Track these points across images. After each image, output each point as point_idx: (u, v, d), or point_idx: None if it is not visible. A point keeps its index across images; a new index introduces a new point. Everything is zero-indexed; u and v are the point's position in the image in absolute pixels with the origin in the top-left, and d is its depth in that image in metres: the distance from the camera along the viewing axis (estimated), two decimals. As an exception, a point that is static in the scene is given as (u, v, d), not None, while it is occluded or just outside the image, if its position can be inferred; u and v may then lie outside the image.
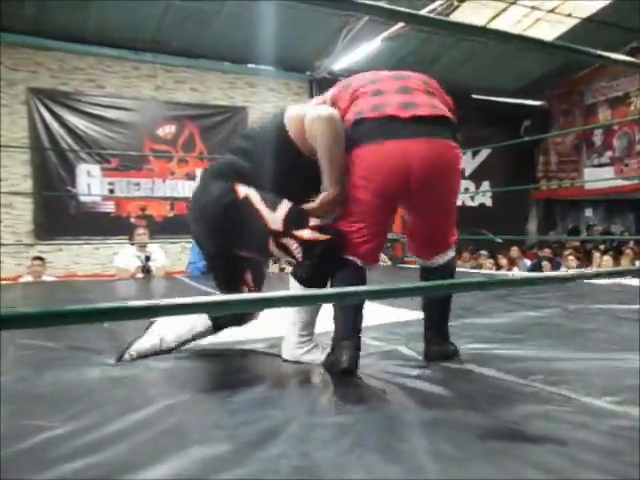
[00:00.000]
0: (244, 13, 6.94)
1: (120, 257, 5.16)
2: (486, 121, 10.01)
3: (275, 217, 1.61)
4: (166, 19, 6.98)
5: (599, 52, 1.25)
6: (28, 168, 6.99)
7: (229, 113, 8.28)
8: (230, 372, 1.72)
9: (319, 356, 1.74)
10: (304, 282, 1.65)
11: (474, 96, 10.37)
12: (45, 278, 5.64)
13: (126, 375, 1.65)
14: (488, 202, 10.66)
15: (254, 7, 6.79)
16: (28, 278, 5.67)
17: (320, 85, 8.84)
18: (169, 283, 4.59)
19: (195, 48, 7.77)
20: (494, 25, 8.15)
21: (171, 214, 7.60)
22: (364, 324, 2.19)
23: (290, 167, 1.70)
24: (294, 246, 1.61)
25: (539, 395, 1.41)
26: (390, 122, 1.63)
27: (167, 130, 7.77)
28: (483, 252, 7.98)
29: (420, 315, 2.54)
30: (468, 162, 10.45)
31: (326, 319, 1.72)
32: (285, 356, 1.78)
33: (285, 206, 1.63)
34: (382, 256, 6.02)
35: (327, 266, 1.64)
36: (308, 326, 1.76)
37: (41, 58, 7.12)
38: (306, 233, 1.61)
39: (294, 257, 1.63)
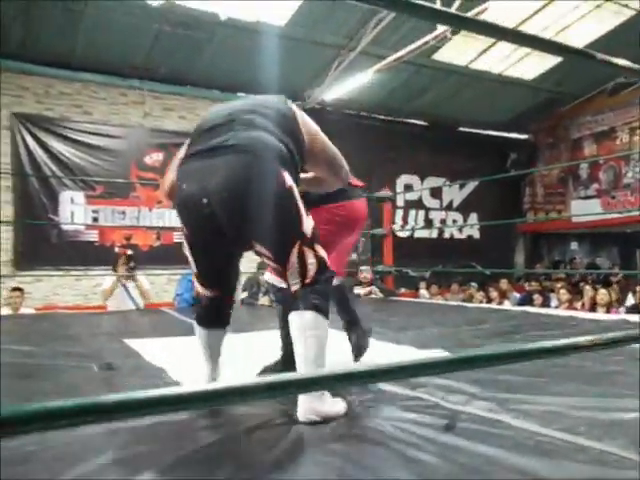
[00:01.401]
0: (235, 42, 6.92)
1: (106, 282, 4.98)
2: (473, 154, 10.09)
3: (308, 222, 1.53)
4: (156, 46, 6.91)
5: (621, 61, 1.15)
6: (9, 195, 6.78)
7: (218, 142, 8.17)
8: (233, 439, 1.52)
9: (343, 405, 1.56)
10: (322, 311, 1.50)
11: (461, 129, 10.47)
12: (23, 310, 5.39)
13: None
14: (476, 234, 10.64)
15: (245, 36, 6.76)
16: (6, 310, 5.41)
17: (310, 115, 8.77)
18: (155, 316, 4.39)
19: (185, 75, 7.71)
20: (483, 60, 8.26)
21: (157, 244, 7.40)
22: (367, 366, 2.10)
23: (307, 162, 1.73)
24: (311, 260, 1.50)
25: (588, 452, 1.27)
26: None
27: (154, 158, 7.63)
28: (473, 284, 7.89)
29: (427, 354, 2.44)
30: (455, 194, 10.48)
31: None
32: (306, 415, 1.47)
33: (311, 217, 1.57)
34: (374, 289, 5.89)
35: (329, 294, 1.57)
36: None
37: (27, 83, 6.98)
38: (323, 251, 1.55)
39: (304, 273, 1.49)
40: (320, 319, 1.49)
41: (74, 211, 7.07)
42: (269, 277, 2.23)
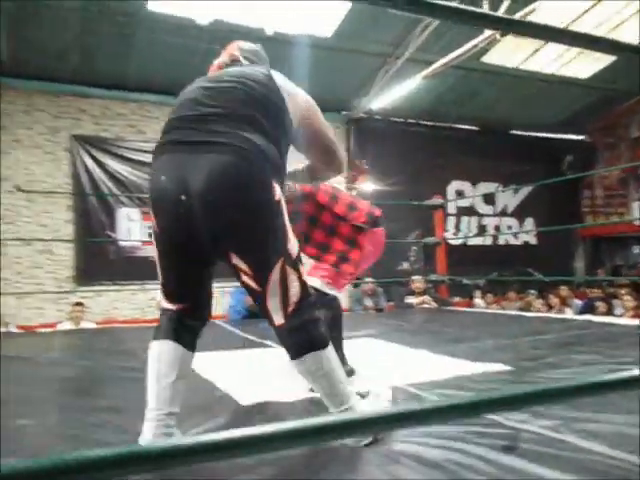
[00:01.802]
0: (282, 55, 6.97)
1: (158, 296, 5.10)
2: (527, 157, 9.80)
3: (294, 241, 1.40)
4: (206, 64, 6.98)
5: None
6: (70, 214, 7.06)
7: (266, 155, 8.26)
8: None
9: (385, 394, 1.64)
10: (319, 345, 1.37)
11: (513, 132, 10.19)
12: (84, 324, 5.59)
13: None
14: (532, 240, 10.29)
15: (292, 49, 6.82)
16: (68, 324, 5.62)
17: (357, 124, 8.80)
18: (207, 328, 4.43)
19: (233, 92, 7.84)
20: (534, 60, 8.03)
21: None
22: (423, 379, 2.13)
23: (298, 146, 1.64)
24: (294, 283, 1.36)
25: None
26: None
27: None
28: (532, 291, 7.61)
29: (485, 367, 2.34)
30: (510, 199, 10.19)
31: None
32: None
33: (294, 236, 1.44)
34: (427, 298, 5.77)
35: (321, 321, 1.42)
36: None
37: (84, 105, 7.28)
38: (306, 275, 1.42)
39: (286, 299, 1.35)
40: (322, 354, 1.36)
41: (130, 227, 7.29)
42: (317, 282, 2.19)
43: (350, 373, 2.18)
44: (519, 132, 10.20)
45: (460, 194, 9.67)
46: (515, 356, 2.61)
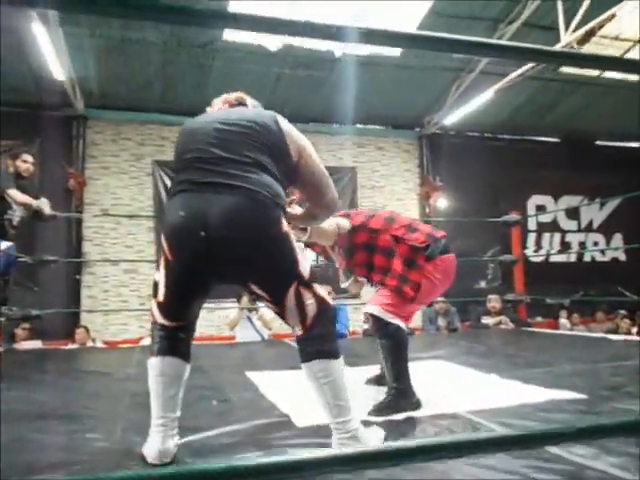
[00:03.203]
0: (351, 77, 7.04)
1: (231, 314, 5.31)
2: (613, 168, 9.21)
3: (305, 263, 1.55)
4: (278, 88, 7.26)
5: None
6: (152, 235, 7.43)
7: (338, 174, 8.32)
8: None
9: (380, 436, 1.63)
10: (330, 355, 1.50)
11: (598, 142, 9.67)
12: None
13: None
14: (622, 256, 9.64)
15: (361, 70, 6.87)
16: (149, 340, 5.87)
17: (430, 141, 8.69)
18: (277, 348, 4.49)
19: (305, 113, 7.98)
20: (618, 67, 7.60)
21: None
22: (486, 406, 2.04)
23: (294, 181, 1.72)
24: (309, 301, 1.51)
25: None
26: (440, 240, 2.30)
27: (279, 193, 7.94)
28: (622, 312, 7.12)
29: (556, 395, 2.20)
30: (595, 214, 9.63)
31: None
32: None
33: (309, 257, 1.66)
34: (504, 318, 5.54)
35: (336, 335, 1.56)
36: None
37: (166, 133, 7.68)
38: (322, 291, 1.55)
39: (303, 315, 1.50)
40: (330, 363, 1.49)
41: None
42: (375, 309, 2.18)
43: (416, 406, 2.08)
44: (605, 142, 9.66)
45: (541, 209, 9.26)
46: (591, 384, 2.43)
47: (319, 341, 1.50)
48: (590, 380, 2.55)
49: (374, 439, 1.58)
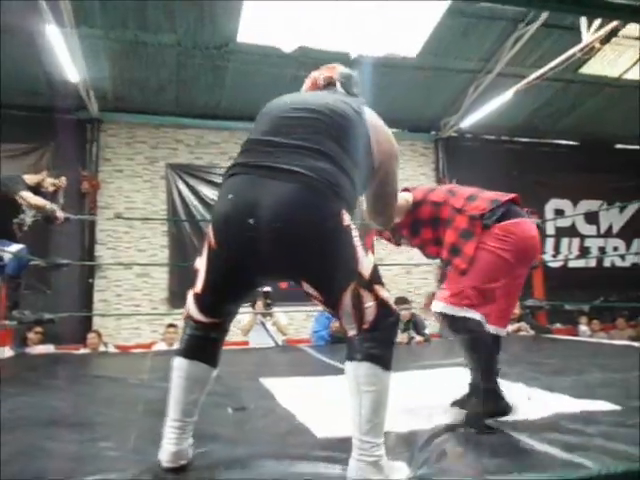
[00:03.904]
0: (367, 79, 6.96)
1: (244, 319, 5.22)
2: (633, 172, 9.03)
3: (367, 262, 1.37)
4: (293, 89, 7.13)
5: None
6: (165, 239, 7.38)
7: (354, 177, 8.25)
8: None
9: (405, 472, 1.38)
10: (381, 362, 1.32)
11: (618, 146, 9.49)
12: (177, 345, 5.74)
13: None
14: (643, 262, 9.44)
15: (377, 71, 6.78)
16: (162, 345, 5.81)
17: (447, 144, 8.57)
18: (292, 353, 4.41)
19: (320, 116, 7.92)
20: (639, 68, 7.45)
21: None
22: (517, 417, 1.93)
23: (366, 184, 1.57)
24: (368, 303, 1.33)
25: None
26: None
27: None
28: (644, 319, 6.93)
29: (589, 406, 2.09)
30: (615, 218, 9.44)
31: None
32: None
33: (372, 255, 1.41)
34: (523, 325, 5.40)
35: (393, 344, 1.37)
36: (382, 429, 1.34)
37: (180, 136, 7.64)
38: (385, 293, 1.37)
39: (360, 318, 1.32)
40: (378, 372, 1.31)
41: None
42: (439, 305, 2.01)
43: (506, 409, 1.89)
44: (624, 146, 9.48)
45: (559, 213, 9.09)
46: (624, 393, 2.31)
47: (373, 344, 1.32)
48: (622, 390, 2.43)
49: (397, 474, 1.35)
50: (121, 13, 5.79)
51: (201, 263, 1.46)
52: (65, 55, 5.51)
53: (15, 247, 3.56)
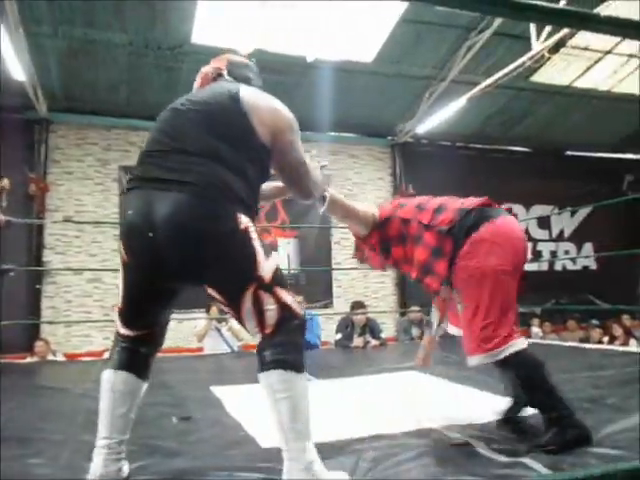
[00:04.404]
0: (324, 84, 6.96)
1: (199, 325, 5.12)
2: (584, 178, 9.34)
3: (267, 265, 1.37)
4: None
5: None
6: (117, 243, 7.16)
7: (311, 181, 8.23)
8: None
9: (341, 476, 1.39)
10: (290, 366, 1.31)
11: (569, 152, 9.79)
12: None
13: None
14: (593, 265, 9.74)
15: (333, 76, 6.80)
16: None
17: (403, 149, 8.66)
18: (248, 359, 4.31)
19: (277, 120, 7.87)
20: (588, 78, 7.70)
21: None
22: (463, 420, 1.96)
23: (259, 169, 1.49)
24: (270, 306, 1.33)
25: None
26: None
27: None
28: (594, 321, 7.14)
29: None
30: (567, 223, 9.73)
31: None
32: None
33: (275, 259, 1.42)
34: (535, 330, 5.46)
35: (302, 349, 1.37)
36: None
37: (133, 138, 7.45)
38: (288, 297, 1.37)
39: (262, 321, 1.33)
40: (291, 376, 1.30)
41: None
42: (476, 360, 1.77)
43: (587, 436, 1.67)
44: (575, 153, 9.78)
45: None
46: (571, 395, 2.34)
47: (280, 350, 1.32)
48: (569, 392, 2.46)
49: (327, 476, 1.31)
50: (68, 11, 5.60)
51: (119, 279, 1.47)
52: (10, 52, 5.29)
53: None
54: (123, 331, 1.49)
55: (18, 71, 5.67)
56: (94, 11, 5.64)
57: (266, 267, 1.36)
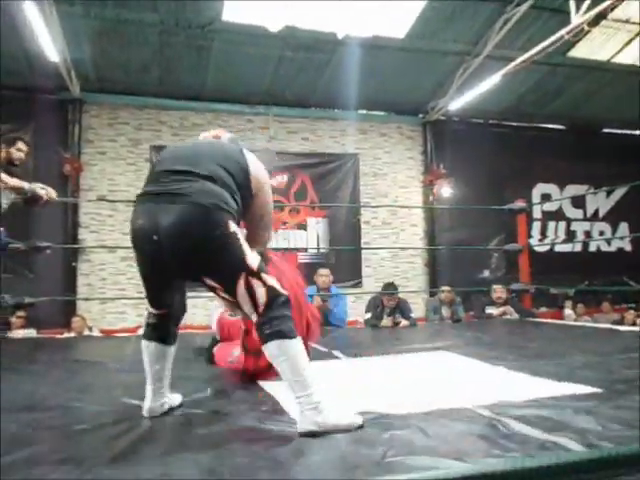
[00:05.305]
0: (354, 60, 6.87)
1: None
2: (620, 156, 9.06)
3: (252, 257, 1.72)
4: (279, 71, 7.11)
5: None
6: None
7: (340, 160, 8.19)
8: None
9: (353, 420, 1.63)
10: (282, 335, 1.63)
11: (605, 130, 9.50)
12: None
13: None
14: (628, 247, 9.50)
15: (364, 52, 6.70)
16: (146, 328, 5.77)
17: (434, 127, 8.53)
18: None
19: (307, 98, 7.83)
20: (627, 53, 7.42)
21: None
22: (497, 399, 1.93)
23: (246, 209, 1.90)
24: (259, 289, 1.67)
25: None
26: None
27: (279, 180, 7.81)
28: (630, 305, 6.98)
29: (571, 389, 2.08)
30: (602, 202, 9.49)
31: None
32: (302, 426, 1.59)
33: (257, 254, 1.78)
34: (509, 309, 5.41)
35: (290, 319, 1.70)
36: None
37: (164, 117, 7.52)
38: (272, 280, 1.71)
39: (255, 303, 1.67)
40: (284, 342, 1.62)
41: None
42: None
43: None
44: (612, 130, 9.49)
45: (546, 197, 9.11)
46: (605, 377, 2.31)
47: (273, 323, 1.63)
48: (603, 373, 2.43)
49: (338, 414, 1.61)
50: (100, -10, 5.63)
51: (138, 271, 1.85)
52: (44, 33, 5.37)
53: (-11, 230, 3.48)
54: (150, 309, 1.87)
55: (52, 52, 5.76)
56: (125, -10, 5.66)
57: (252, 259, 1.70)
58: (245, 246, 1.72)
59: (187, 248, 1.66)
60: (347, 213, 8.18)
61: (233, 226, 1.70)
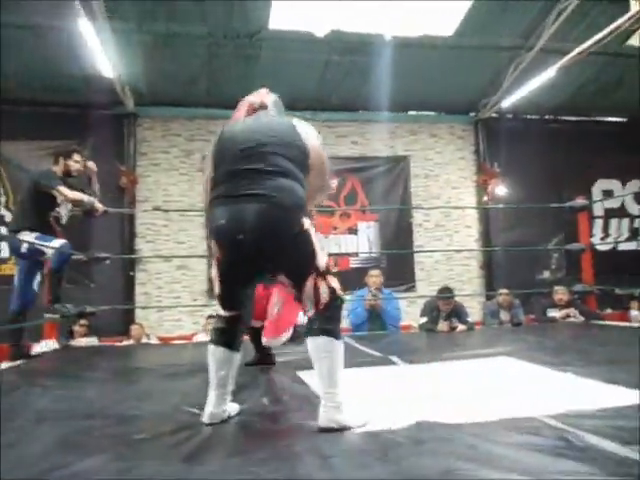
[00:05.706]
0: (401, 61, 6.78)
1: None
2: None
3: (322, 257, 1.81)
4: (326, 75, 7.09)
5: None
6: (204, 230, 7.41)
7: (390, 163, 8.10)
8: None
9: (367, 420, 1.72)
10: (333, 334, 1.73)
11: (671, 121, 9.00)
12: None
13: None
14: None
15: (412, 52, 6.60)
16: (203, 336, 5.85)
17: (486, 125, 8.31)
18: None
19: (355, 101, 7.78)
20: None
21: (334, 270, 7.47)
22: (570, 409, 1.81)
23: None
24: (323, 289, 1.76)
25: None
26: None
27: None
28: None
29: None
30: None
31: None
32: (323, 423, 1.69)
33: (326, 252, 1.86)
34: (573, 311, 5.17)
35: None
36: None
37: (214, 127, 7.62)
38: (336, 283, 1.81)
39: (317, 300, 1.76)
40: (332, 342, 1.72)
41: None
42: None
43: None
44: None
45: (608, 194, 8.70)
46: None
47: (326, 321, 1.74)
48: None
49: (353, 418, 1.70)
50: (151, 5, 5.77)
51: (214, 273, 1.91)
52: (99, 50, 5.54)
53: (58, 242, 3.59)
54: (221, 312, 1.93)
55: (107, 69, 5.95)
56: (175, 4, 5.78)
57: (321, 259, 1.81)
58: (317, 244, 1.82)
59: (269, 245, 1.76)
60: (398, 216, 8.07)
61: (307, 223, 1.81)
